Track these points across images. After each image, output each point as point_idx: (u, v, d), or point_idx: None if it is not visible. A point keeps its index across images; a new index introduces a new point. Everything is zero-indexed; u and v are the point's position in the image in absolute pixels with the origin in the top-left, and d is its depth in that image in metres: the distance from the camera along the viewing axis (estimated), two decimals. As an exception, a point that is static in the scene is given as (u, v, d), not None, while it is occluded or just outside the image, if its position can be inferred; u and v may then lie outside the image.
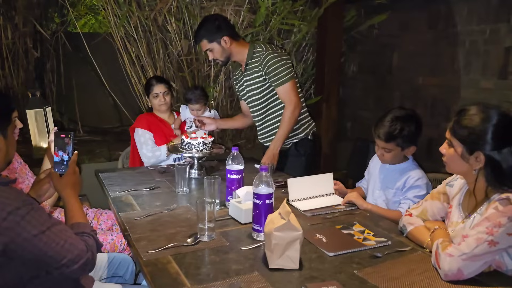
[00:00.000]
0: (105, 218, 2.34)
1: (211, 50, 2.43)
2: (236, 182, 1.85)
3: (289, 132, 2.43)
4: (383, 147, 1.95)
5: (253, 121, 2.72)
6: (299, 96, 2.42)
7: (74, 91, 5.48)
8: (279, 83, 2.37)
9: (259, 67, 2.41)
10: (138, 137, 2.72)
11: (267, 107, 2.53)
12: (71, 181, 1.45)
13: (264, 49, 2.42)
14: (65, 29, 5.49)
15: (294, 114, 2.38)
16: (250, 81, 2.50)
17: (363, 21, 4.32)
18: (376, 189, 2.06)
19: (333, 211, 1.86)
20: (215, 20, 2.41)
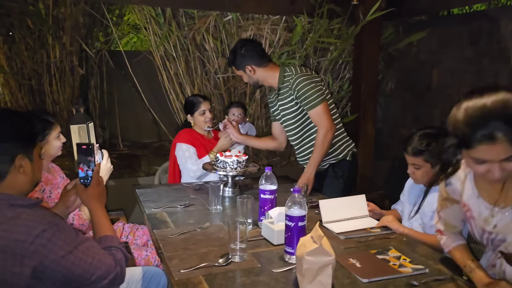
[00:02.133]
0: (141, 233, 2.39)
1: (241, 75, 2.56)
2: (269, 202, 1.85)
3: (323, 156, 2.40)
4: (412, 163, 1.91)
5: (280, 145, 2.76)
6: (331, 119, 2.40)
7: (116, 106, 5.70)
8: (310, 107, 2.36)
9: (290, 91, 2.42)
10: (182, 152, 2.76)
11: (303, 130, 2.51)
12: (96, 193, 1.46)
13: (294, 72, 2.42)
14: (109, 48, 5.74)
15: (327, 138, 2.36)
16: (284, 105, 2.50)
17: (401, 38, 4.26)
18: (412, 212, 1.99)
19: (368, 235, 1.82)
20: (241, 47, 2.48)
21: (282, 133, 2.69)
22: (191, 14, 3.95)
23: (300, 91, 2.36)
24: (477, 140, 1.16)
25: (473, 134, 1.17)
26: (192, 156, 2.73)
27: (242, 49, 2.47)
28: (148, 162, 4.98)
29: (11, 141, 1.23)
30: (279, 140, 2.73)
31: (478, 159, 1.20)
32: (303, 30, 3.79)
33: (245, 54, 2.46)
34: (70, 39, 5.16)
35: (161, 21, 3.91)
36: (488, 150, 1.17)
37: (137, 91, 4.78)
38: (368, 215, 2.02)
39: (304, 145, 2.55)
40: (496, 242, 1.36)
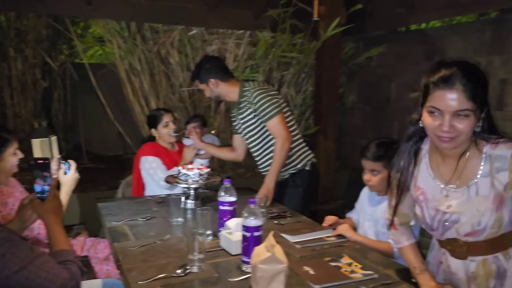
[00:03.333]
0: (102, 247, 2.38)
1: (203, 89, 2.65)
2: (228, 213, 1.90)
3: (282, 165, 2.49)
4: (371, 169, 2.00)
5: (238, 157, 2.86)
6: (288, 129, 2.50)
7: (80, 120, 5.62)
8: (267, 118, 2.46)
9: (249, 105, 2.52)
10: (149, 164, 2.78)
11: (263, 141, 2.61)
12: (52, 207, 1.47)
13: (252, 87, 2.54)
14: (73, 60, 5.67)
15: (284, 147, 2.45)
16: (244, 118, 2.60)
17: (361, 52, 4.43)
18: (366, 220, 2.09)
19: (323, 243, 1.89)
20: (207, 62, 2.60)
21: (241, 146, 2.78)
22: (156, 28, 3.99)
23: (258, 104, 2.46)
24: (435, 84, 1.23)
25: (434, 78, 1.24)
26: (161, 166, 2.76)
27: (207, 64, 2.58)
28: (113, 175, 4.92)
29: None
30: (238, 152, 2.82)
31: (433, 109, 1.24)
32: (267, 45, 3.89)
33: (210, 69, 2.56)
34: (32, 51, 5.08)
35: (126, 35, 3.93)
36: (443, 96, 1.22)
37: (102, 104, 4.75)
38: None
39: (264, 156, 2.64)
40: (449, 223, 1.37)
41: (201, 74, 2.58)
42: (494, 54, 3.38)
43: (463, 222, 1.35)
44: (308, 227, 2.11)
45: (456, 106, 1.22)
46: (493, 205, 1.30)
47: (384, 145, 2.00)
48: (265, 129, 2.54)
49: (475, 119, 1.24)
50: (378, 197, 2.07)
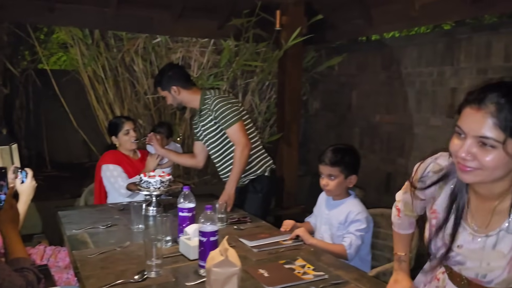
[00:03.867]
0: (63, 256, 2.37)
1: (165, 97, 2.71)
2: (188, 219, 1.95)
3: (242, 171, 2.56)
4: (328, 174, 2.10)
5: (198, 164, 2.91)
6: (247, 136, 2.58)
7: (43, 127, 5.52)
8: (227, 126, 2.54)
9: (209, 112, 2.59)
10: (110, 172, 2.79)
11: (223, 148, 2.68)
12: (9, 216, 1.48)
13: (212, 95, 2.62)
14: (36, 67, 5.58)
15: (244, 154, 2.53)
16: (205, 126, 2.67)
17: (324, 61, 4.58)
18: (322, 224, 2.18)
19: (279, 247, 1.97)
20: (169, 70, 2.68)
21: (202, 152, 2.85)
22: (120, 36, 4.00)
23: (218, 111, 2.53)
24: (466, 100, 1.06)
25: (467, 96, 1.07)
26: (122, 175, 2.78)
27: (169, 71, 2.66)
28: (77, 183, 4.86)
29: None
30: (198, 159, 2.88)
31: (458, 129, 1.07)
32: (231, 53, 3.97)
33: (172, 76, 2.64)
34: (-7, 58, 4.97)
35: (89, 42, 3.92)
36: (469, 115, 1.03)
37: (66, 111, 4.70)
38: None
39: (224, 163, 2.71)
40: (452, 261, 1.22)
41: (163, 82, 2.64)
42: (446, 64, 3.57)
43: (468, 267, 1.18)
44: (267, 231, 2.18)
45: (480, 129, 1.01)
46: (507, 266, 1.10)
47: (340, 151, 2.12)
48: (225, 136, 2.61)
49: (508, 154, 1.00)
50: (334, 201, 2.18)
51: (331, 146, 2.20)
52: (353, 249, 1.98)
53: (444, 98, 3.62)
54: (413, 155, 3.88)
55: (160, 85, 2.67)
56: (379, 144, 4.27)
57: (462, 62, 3.47)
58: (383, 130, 4.21)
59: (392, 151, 4.14)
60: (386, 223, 2.42)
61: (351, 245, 1.98)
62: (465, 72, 3.44)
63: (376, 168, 4.26)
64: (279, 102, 3.97)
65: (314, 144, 5.07)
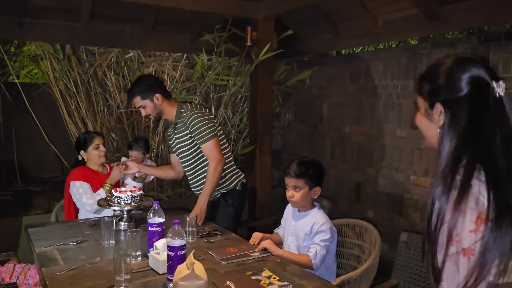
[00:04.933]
0: (33, 273, 2.37)
1: (144, 107, 2.64)
2: (157, 234, 1.99)
3: (215, 186, 2.61)
4: (294, 185, 2.18)
5: (178, 175, 2.92)
6: (221, 153, 2.63)
7: (13, 141, 5.44)
8: (203, 141, 2.58)
9: (185, 126, 2.63)
10: (76, 189, 2.79)
11: (196, 162, 2.72)
12: None
13: (189, 109, 2.64)
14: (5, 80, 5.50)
15: (218, 170, 2.58)
16: (179, 139, 2.70)
17: (296, 74, 4.69)
18: (289, 235, 2.26)
19: (247, 258, 2.03)
20: (148, 79, 2.67)
21: (179, 164, 2.87)
22: (92, 51, 4.01)
23: (194, 127, 2.57)
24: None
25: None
26: (87, 191, 2.78)
27: (149, 80, 2.64)
28: (49, 198, 4.81)
29: None
30: (177, 169, 2.91)
31: None
32: (203, 67, 4.03)
33: (153, 85, 2.62)
34: (-39, 71, 4.89)
35: (60, 57, 3.92)
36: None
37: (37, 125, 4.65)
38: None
39: (197, 176, 2.76)
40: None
41: (144, 90, 2.59)
42: (409, 78, 3.72)
43: None
44: (236, 244, 2.23)
45: None
46: None
47: (305, 164, 2.20)
48: (199, 150, 2.66)
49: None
50: (300, 213, 2.25)
51: (296, 159, 2.28)
52: (318, 259, 2.06)
53: (409, 110, 3.77)
54: (381, 165, 4.01)
55: (139, 94, 2.60)
56: (349, 154, 4.39)
57: (424, 76, 3.63)
58: (353, 141, 4.34)
59: (361, 161, 4.26)
60: (351, 233, 2.52)
61: (316, 255, 2.05)
62: (427, 85, 3.60)
63: (346, 178, 4.38)
64: (252, 115, 4.05)
65: (287, 155, 5.16)
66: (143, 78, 2.71)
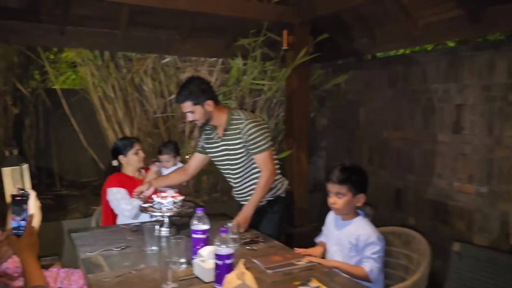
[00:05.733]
0: (77, 278, 2.38)
1: (193, 112, 2.47)
2: (202, 241, 1.96)
3: (263, 197, 2.55)
4: (336, 192, 2.10)
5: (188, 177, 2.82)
6: (274, 164, 2.56)
7: (53, 146, 5.58)
8: (258, 152, 2.50)
9: (239, 134, 2.51)
10: (113, 195, 2.81)
11: (245, 170, 2.63)
12: (28, 243, 1.48)
13: (243, 117, 2.53)
14: (45, 86, 5.66)
15: (269, 181, 2.52)
16: (229, 146, 2.58)
17: (331, 78, 4.62)
18: (333, 245, 2.18)
19: (293, 267, 1.97)
20: (200, 83, 2.49)
21: (198, 166, 2.78)
22: (130, 57, 4.06)
23: (251, 136, 2.47)
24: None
25: None
26: (125, 197, 2.78)
27: (202, 85, 2.48)
28: (86, 202, 4.90)
29: None
30: (189, 171, 2.78)
31: None
32: (239, 72, 4.02)
33: (206, 90, 2.48)
34: (4, 79, 5.05)
35: (99, 63, 3.99)
36: None
37: (75, 130, 4.75)
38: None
39: (243, 184, 2.67)
40: None
41: (197, 95, 2.44)
42: (450, 81, 3.59)
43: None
44: (280, 252, 2.18)
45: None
46: None
47: (347, 170, 2.13)
48: (250, 159, 2.57)
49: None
50: (343, 221, 2.17)
51: (339, 164, 2.20)
52: (376, 273, 1.98)
53: (450, 114, 3.63)
54: (423, 171, 3.88)
55: (191, 99, 2.43)
56: (388, 160, 4.27)
57: (466, 79, 3.49)
58: (392, 146, 4.22)
59: (401, 167, 4.14)
60: (398, 242, 2.42)
61: (372, 270, 1.96)
62: (470, 89, 3.46)
63: (385, 184, 4.26)
64: (288, 120, 4.00)
65: (323, 161, 5.08)
66: (194, 81, 2.50)
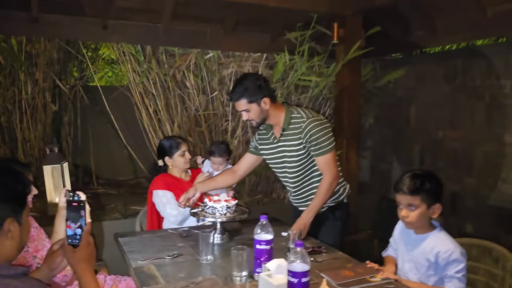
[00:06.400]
0: (124, 286, 2.23)
1: (248, 111, 2.27)
2: (266, 253, 1.76)
3: (325, 203, 2.33)
4: (408, 204, 1.86)
5: (235, 180, 2.62)
6: (337, 167, 2.35)
7: (90, 143, 5.52)
8: (320, 153, 2.27)
9: (299, 134, 2.29)
10: (159, 198, 2.66)
11: (305, 173, 2.40)
12: (85, 255, 1.34)
13: (304, 116, 2.31)
14: (84, 83, 5.61)
15: (332, 186, 2.30)
16: (288, 147, 2.36)
17: (378, 75, 4.35)
18: (405, 262, 1.94)
19: (368, 285, 1.75)
20: (256, 79, 2.27)
21: (249, 168, 2.59)
22: (172, 52, 3.92)
23: (313, 136, 2.25)
24: None
25: None
26: (170, 201, 2.63)
27: (258, 81, 2.27)
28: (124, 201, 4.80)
29: (2, 203, 1.13)
30: (238, 173, 2.58)
31: None
32: (284, 68, 3.81)
33: (263, 86, 2.26)
34: (43, 75, 5.01)
35: (141, 58, 3.86)
36: None
37: (113, 127, 4.66)
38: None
39: (302, 189, 2.44)
40: None
41: (253, 93, 2.22)
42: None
43: None
44: (349, 265, 1.96)
45: None
46: None
47: (419, 177, 1.86)
48: (311, 161, 2.35)
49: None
50: (417, 235, 1.92)
51: (407, 172, 1.94)
52: (461, 293, 1.74)
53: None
54: (484, 174, 3.58)
55: (246, 96, 2.23)
56: (443, 162, 3.98)
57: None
58: (448, 147, 3.93)
59: (458, 169, 3.84)
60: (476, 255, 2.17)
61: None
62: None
63: (440, 188, 3.97)
64: (337, 118, 3.77)
65: (369, 162, 4.82)
66: (250, 77, 2.30)
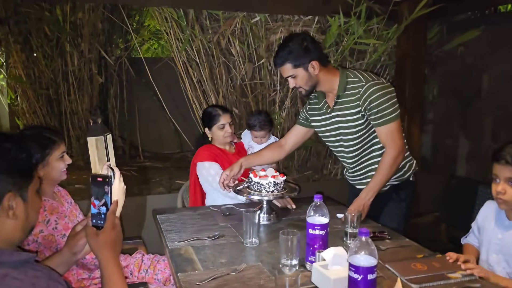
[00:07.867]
0: (162, 266, 2.06)
1: (294, 77, 2.01)
2: (320, 239, 1.49)
3: (388, 181, 2.02)
4: (508, 177, 1.51)
5: (282, 155, 2.34)
6: (403, 139, 2.01)
7: (136, 116, 5.45)
8: (382, 122, 1.95)
9: (357, 101, 1.98)
10: (206, 171, 2.44)
11: (364, 147, 2.09)
12: (109, 240, 1.12)
13: (363, 79, 1.99)
14: (129, 55, 5.50)
15: (397, 161, 1.97)
16: (344, 117, 2.06)
17: (445, 38, 3.86)
18: (492, 251, 1.61)
19: (447, 282, 1.43)
20: (302, 40, 1.97)
21: (298, 141, 2.32)
22: (216, 16, 3.65)
23: (373, 103, 1.93)
24: None
25: None
26: (219, 172, 2.40)
27: (305, 42, 1.97)
28: (170, 175, 4.69)
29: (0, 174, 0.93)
30: (286, 148, 2.31)
31: None
32: (339, 31, 3.43)
33: (311, 48, 1.97)
34: (88, 46, 4.94)
35: (183, 24, 3.62)
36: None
37: (158, 100, 4.51)
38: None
39: (361, 164, 2.13)
40: None
41: (298, 56, 1.95)
42: None
43: None
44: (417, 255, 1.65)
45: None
46: None
47: None
48: (371, 132, 2.03)
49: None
50: (509, 221, 1.59)
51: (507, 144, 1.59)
52: None
53: None
54: None
55: (291, 60, 1.96)
56: (521, 138, 3.49)
57: None
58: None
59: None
60: None
61: None
62: None
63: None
64: (398, 87, 3.34)
65: (431, 137, 4.37)
66: (295, 38, 2.00)
